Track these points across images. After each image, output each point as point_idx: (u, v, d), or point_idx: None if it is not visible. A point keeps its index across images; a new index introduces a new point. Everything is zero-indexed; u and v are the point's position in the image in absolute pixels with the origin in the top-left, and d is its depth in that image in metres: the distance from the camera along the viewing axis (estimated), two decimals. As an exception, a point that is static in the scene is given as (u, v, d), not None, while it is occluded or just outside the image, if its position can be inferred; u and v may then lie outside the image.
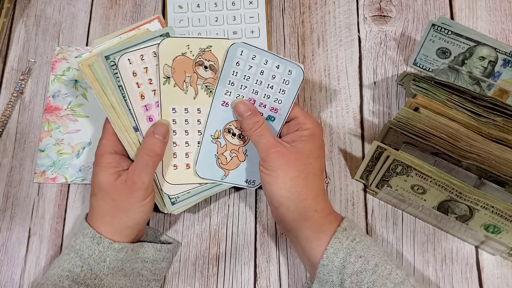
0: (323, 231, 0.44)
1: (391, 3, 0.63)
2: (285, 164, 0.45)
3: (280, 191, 0.45)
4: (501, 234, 0.49)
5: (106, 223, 0.46)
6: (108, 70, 0.43)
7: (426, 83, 0.51)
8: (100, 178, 0.45)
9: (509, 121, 0.48)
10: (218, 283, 0.54)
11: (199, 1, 0.62)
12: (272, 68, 0.47)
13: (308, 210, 0.45)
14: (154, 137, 0.45)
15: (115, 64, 0.43)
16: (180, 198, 0.50)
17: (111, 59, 0.43)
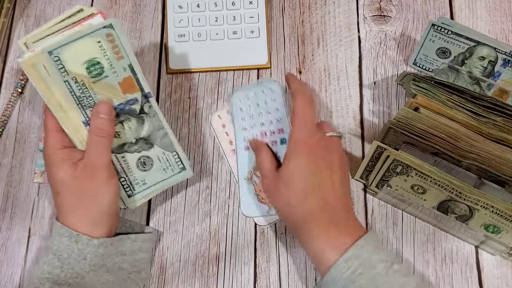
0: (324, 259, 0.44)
1: (391, 3, 0.63)
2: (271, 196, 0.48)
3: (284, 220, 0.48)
4: (501, 234, 0.49)
5: (79, 217, 0.45)
6: (53, 66, 0.42)
7: (426, 83, 0.51)
8: (59, 175, 0.44)
9: (509, 121, 0.48)
10: (218, 283, 0.54)
11: (199, 1, 0.62)
12: (261, 96, 0.52)
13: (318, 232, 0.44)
14: (99, 117, 0.44)
15: (59, 59, 0.42)
16: (136, 190, 0.49)
17: (55, 54, 0.42)
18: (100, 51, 0.43)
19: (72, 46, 0.42)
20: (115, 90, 0.44)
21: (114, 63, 0.44)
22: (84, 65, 0.43)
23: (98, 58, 0.43)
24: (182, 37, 0.61)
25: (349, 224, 0.46)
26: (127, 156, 0.48)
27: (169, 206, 0.56)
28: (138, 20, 0.63)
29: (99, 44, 0.43)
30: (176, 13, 0.62)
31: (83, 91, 0.44)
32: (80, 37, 0.43)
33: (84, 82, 0.44)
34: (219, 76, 0.61)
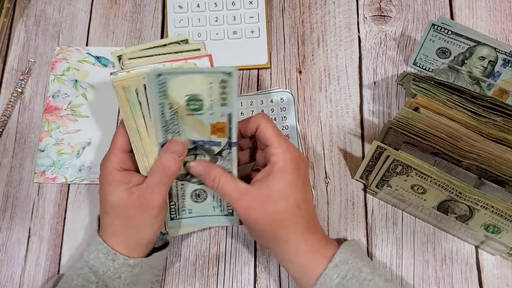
0: (309, 272, 0.43)
1: (391, 3, 0.63)
2: (256, 218, 0.44)
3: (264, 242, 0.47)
4: (501, 234, 0.49)
5: (119, 241, 0.45)
6: (155, 87, 0.41)
7: (426, 83, 0.51)
8: (112, 197, 0.43)
9: (509, 121, 0.48)
10: (218, 283, 0.54)
11: (199, 1, 0.62)
12: None
13: (289, 255, 0.44)
14: (170, 155, 0.43)
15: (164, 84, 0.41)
16: (181, 215, 0.49)
17: (163, 79, 0.40)
18: (208, 92, 0.42)
19: (183, 77, 0.41)
20: (204, 129, 0.44)
21: (215, 106, 0.43)
22: (185, 97, 0.42)
23: (202, 97, 0.42)
24: (182, 37, 0.61)
25: (324, 234, 0.47)
26: (186, 185, 0.47)
27: (169, 206, 0.56)
28: (138, 20, 0.63)
29: (210, 85, 0.42)
30: (176, 13, 0.62)
31: (173, 118, 0.43)
32: (194, 72, 0.42)
33: (178, 111, 0.42)
34: (219, 76, 0.61)
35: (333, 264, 0.43)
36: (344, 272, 0.42)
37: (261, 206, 0.43)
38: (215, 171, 0.44)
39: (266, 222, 0.43)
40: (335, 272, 0.42)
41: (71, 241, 0.56)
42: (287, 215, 0.44)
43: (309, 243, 0.44)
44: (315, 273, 0.43)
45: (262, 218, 0.43)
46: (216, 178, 0.44)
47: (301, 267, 0.44)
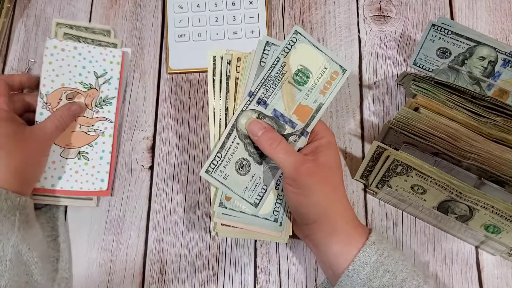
0: (352, 244, 0.44)
1: (391, 3, 0.63)
2: (317, 182, 0.44)
3: (314, 208, 0.44)
4: (501, 234, 0.49)
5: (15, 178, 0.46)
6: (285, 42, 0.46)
7: (426, 83, 0.51)
8: (6, 130, 0.46)
9: (509, 121, 0.48)
10: (218, 283, 0.54)
11: (199, 1, 0.62)
12: None
13: (340, 223, 0.44)
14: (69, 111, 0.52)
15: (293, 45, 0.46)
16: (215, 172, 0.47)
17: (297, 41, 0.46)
18: (319, 74, 0.46)
19: (311, 48, 0.46)
20: (292, 104, 0.47)
21: (315, 90, 0.46)
22: (298, 66, 0.46)
23: (311, 75, 0.46)
24: (182, 37, 0.61)
25: None
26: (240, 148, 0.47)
27: (169, 206, 0.56)
28: (138, 20, 0.63)
29: (324, 69, 0.46)
30: (176, 13, 0.62)
31: (277, 78, 0.46)
32: (321, 50, 0.46)
33: (284, 75, 0.46)
34: (219, 76, 0.61)
35: (370, 242, 0.43)
36: (381, 250, 0.43)
37: (322, 171, 0.44)
38: (276, 133, 0.46)
39: (325, 187, 0.44)
40: (372, 249, 0.43)
41: (72, 241, 0.56)
42: (339, 182, 0.46)
43: (353, 212, 0.46)
44: (357, 246, 0.43)
45: (322, 182, 0.44)
46: (277, 138, 0.45)
47: (347, 239, 0.44)
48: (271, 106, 0.46)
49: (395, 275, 0.42)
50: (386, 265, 0.42)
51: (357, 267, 0.42)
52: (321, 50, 0.46)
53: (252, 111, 0.46)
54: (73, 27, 0.61)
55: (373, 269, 0.42)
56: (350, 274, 0.42)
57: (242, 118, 0.46)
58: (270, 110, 0.46)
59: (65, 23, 0.60)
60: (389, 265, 0.42)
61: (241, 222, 0.48)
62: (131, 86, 0.61)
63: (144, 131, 0.59)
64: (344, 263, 0.43)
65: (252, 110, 0.46)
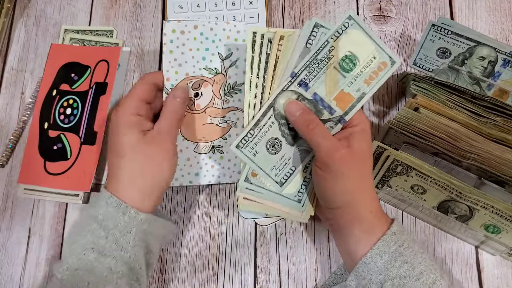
0: (373, 233, 0.44)
1: (391, 3, 0.63)
2: (349, 169, 0.43)
3: (341, 195, 0.44)
4: (501, 234, 0.49)
5: (133, 187, 0.44)
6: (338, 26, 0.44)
7: (426, 83, 0.51)
8: (129, 138, 0.44)
9: (509, 121, 0.48)
10: (218, 283, 0.54)
11: (199, 1, 0.62)
12: None
13: (364, 212, 0.44)
14: (175, 99, 0.47)
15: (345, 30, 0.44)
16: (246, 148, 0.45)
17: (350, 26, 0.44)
18: (366, 62, 0.45)
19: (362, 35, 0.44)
20: (335, 90, 0.45)
21: (359, 79, 0.45)
22: (346, 52, 0.44)
23: (358, 63, 0.45)
24: (182, 37, 0.61)
25: None
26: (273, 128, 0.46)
27: (169, 206, 0.56)
28: (138, 20, 0.63)
29: (373, 58, 0.45)
30: (176, 13, 0.62)
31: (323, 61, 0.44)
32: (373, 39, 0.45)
33: (331, 59, 0.44)
34: (219, 76, 0.61)
35: (391, 232, 0.43)
36: (401, 241, 0.43)
37: (354, 159, 0.43)
38: (314, 116, 0.45)
39: (355, 174, 0.44)
40: (392, 240, 0.43)
41: (71, 241, 0.56)
42: (368, 172, 0.45)
43: (378, 203, 0.46)
44: (378, 235, 0.43)
45: (353, 169, 0.44)
46: (314, 120, 0.44)
47: (369, 226, 0.44)
48: (312, 89, 0.45)
49: (413, 267, 0.42)
50: (404, 256, 0.42)
51: (375, 255, 0.42)
52: (373, 39, 0.45)
53: (292, 92, 0.45)
54: (79, 32, 0.61)
55: (391, 258, 0.42)
56: (368, 262, 0.43)
57: (281, 98, 0.45)
58: (311, 93, 0.45)
59: (71, 29, 0.61)
60: (407, 256, 0.42)
61: (263, 198, 0.47)
62: (131, 86, 0.61)
63: (144, 131, 0.59)
64: (363, 250, 0.43)
65: (292, 91, 0.45)
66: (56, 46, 0.60)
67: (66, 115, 0.57)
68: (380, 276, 0.42)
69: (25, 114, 0.60)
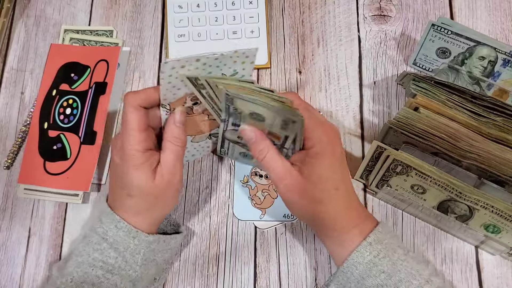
0: (345, 246, 0.44)
1: (391, 2, 0.63)
2: (295, 196, 0.44)
3: (300, 217, 0.48)
4: (501, 234, 0.49)
5: (141, 219, 0.46)
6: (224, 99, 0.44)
7: (426, 83, 0.51)
8: (139, 181, 0.44)
9: (509, 121, 0.48)
10: (218, 283, 0.54)
11: (199, 1, 0.62)
12: None
13: (327, 231, 0.45)
14: (175, 125, 0.45)
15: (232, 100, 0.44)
16: None
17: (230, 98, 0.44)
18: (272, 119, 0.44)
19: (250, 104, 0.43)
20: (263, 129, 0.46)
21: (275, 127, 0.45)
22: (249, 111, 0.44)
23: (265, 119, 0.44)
24: (182, 37, 0.61)
25: (365, 211, 0.47)
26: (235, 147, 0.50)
27: (169, 206, 0.56)
28: (138, 20, 0.63)
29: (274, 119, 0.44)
30: (176, 13, 0.62)
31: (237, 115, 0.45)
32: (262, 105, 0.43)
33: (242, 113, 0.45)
34: (219, 76, 0.61)
35: (366, 242, 0.43)
36: (377, 251, 0.43)
37: (302, 187, 0.44)
38: (265, 143, 0.45)
39: (306, 202, 0.44)
40: (367, 250, 0.43)
41: (72, 241, 0.56)
42: (326, 196, 0.44)
43: (348, 219, 0.45)
44: (349, 249, 0.44)
45: (302, 198, 0.44)
46: (264, 150, 0.45)
47: (338, 242, 0.45)
48: None
49: (390, 276, 0.42)
50: (380, 266, 0.43)
51: (351, 265, 0.43)
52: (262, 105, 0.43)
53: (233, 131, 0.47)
54: (79, 32, 0.61)
55: (366, 269, 0.43)
56: (345, 271, 0.44)
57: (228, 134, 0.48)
58: None
59: (71, 29, 0.61)
60: (384, 266, 0.43)
61: None
62: (131, 86, 0.61)
63: (144, 131, 0.59)
64: (340, 260, 0.45)
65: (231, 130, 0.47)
66: (56, 46, 0.61)
67: (66, 115, 0.57)
68: (358, 285, 0.43)
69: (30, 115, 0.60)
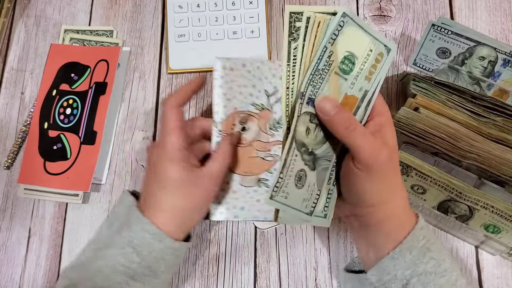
0: (404, 228, 0.43)
1: (391, 2, 0.63)
2: (389, 169, 0.41)
3: (379, 194, 0.42)
4: (501, 234, 0.49)
5: (168, 220, 0.44)
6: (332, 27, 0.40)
7: (426, 83, 0.51)
8: (173, 172, 0.43)
9: (509, 121, 0.48)
10: (218, 283, 0.54)
11: (199, 1, 0.62)
12: None
13: (397, 209, 0.43)
14: (229, 145, 0.46)
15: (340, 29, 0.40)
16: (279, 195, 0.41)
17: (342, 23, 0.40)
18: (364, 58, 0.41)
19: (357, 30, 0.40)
20: (338, 96, 0.42)
21: (360, 77, 0.42)
22: (344, 53, 0.41)
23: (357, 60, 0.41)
24: (182, 37, 0.61)
25: None
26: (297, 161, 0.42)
27: (169, 206, 0.56)
28: (138, 20, 0.63)
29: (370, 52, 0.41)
30: (176, 13, 0.62)
31: (324, 70, 0.41)
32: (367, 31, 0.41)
33: (331, 65, 0.41)
34: (219, 76, 0.61)
35: (419, 226, 0.42)
36: (429, 236, 0.42)
37: (393, 158, 0.41)
38: (350, 114, 0.41)
39: (393, 173, 0.42)
40: (421, 234, 0.42)
41: (71, 241, 0.56)
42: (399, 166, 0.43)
43: (407, 201, 0.44)
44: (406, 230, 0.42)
45: (394, 168, 0.42)
46: (352, 122, 0.40)
47: (400, 222, 0.43)
48: None
49: (438, 263, 0.41)
50: (432, 251, 0.41)
51: (405, 250, 0.41)
52: (367, 31, 0.41)
53: (306, 114, 0.41)
54: (79, 32, 0.61)
55: (420, 253, 0.41)
56: (396, 256, 0.41)
57: (300, 126, 0.41)
58: None
59: (71, 29, 0.61)
60: (434, 252, 0.42)
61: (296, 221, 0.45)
62: (131, 86, 0.61)
63: (144, 131, 0.59)
64: (392, 245, 0.42)
65: (306, 112, 0.41)
66: (56, 46, 0.60)
67: (66, 115, 0.57)
68: (407, 271, 0.41)
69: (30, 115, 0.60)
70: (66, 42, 0.61)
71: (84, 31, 0.62)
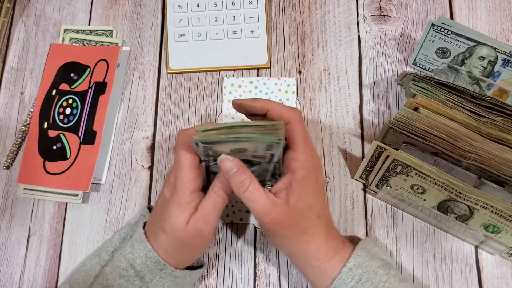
0: (327, 275, 0.44)
1: (391, 2, 0.63)
2: (283, 228, 0.42)
3: (283, 249, 0.46)
4: (500, 234, 0.49)
5: (169, 257, 0.45)
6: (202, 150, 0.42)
7: (425, 83, 0.51)
8: (174, 220, 0.43)
9: (509, 121, 0.48)
10: (218, 283, 0.54)
11: (199, 1, 0.62)
12: None
13: (311, 261, 0.44)
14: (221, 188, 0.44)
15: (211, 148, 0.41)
16: None
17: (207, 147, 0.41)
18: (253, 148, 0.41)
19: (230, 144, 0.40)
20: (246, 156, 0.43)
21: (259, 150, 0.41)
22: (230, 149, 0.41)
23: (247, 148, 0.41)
24: (182, 37, 0.61)
25: (342, 237, 0.47)
26: None
27: (169, 206, 0.56)
28: (138, 20, 0.63)
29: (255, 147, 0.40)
30: (176, 13, 0.62)
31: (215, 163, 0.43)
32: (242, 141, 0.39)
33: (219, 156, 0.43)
34: (219, 76, 0.61)
35: (347, 269, 0.43)
36: (358, 276, 0.43)
37: (289, 218, 0.42)
38: (247, 173, 0.42)
39: (291, 232, 0.43)
40: (349, 277, 0.43)
41: (71, 241, 0.56)
42: (310, 224, 0.43)
43: (330, 247, 0.45)
44: (332, 277, 0.43)
45: (288, 229, 0.43)
46: (246, 181, 0.42)
47: (320, 271, 0.44)
48: None
49: None
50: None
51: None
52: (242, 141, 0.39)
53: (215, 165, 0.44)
54: (78, 32, 0.61)
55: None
56: None
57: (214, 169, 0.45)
58: None
59: (71, 29, 0.61)
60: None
61: None
62: (131, 86, 0.61)
63: (144, 131, 0.59)
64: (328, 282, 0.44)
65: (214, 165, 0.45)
66: (55, 46, 0.61)
67: (66, 115, 0.57)
68: None
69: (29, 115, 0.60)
70: (66, 42, 0.61)
71: (83, 31, 0.62)
